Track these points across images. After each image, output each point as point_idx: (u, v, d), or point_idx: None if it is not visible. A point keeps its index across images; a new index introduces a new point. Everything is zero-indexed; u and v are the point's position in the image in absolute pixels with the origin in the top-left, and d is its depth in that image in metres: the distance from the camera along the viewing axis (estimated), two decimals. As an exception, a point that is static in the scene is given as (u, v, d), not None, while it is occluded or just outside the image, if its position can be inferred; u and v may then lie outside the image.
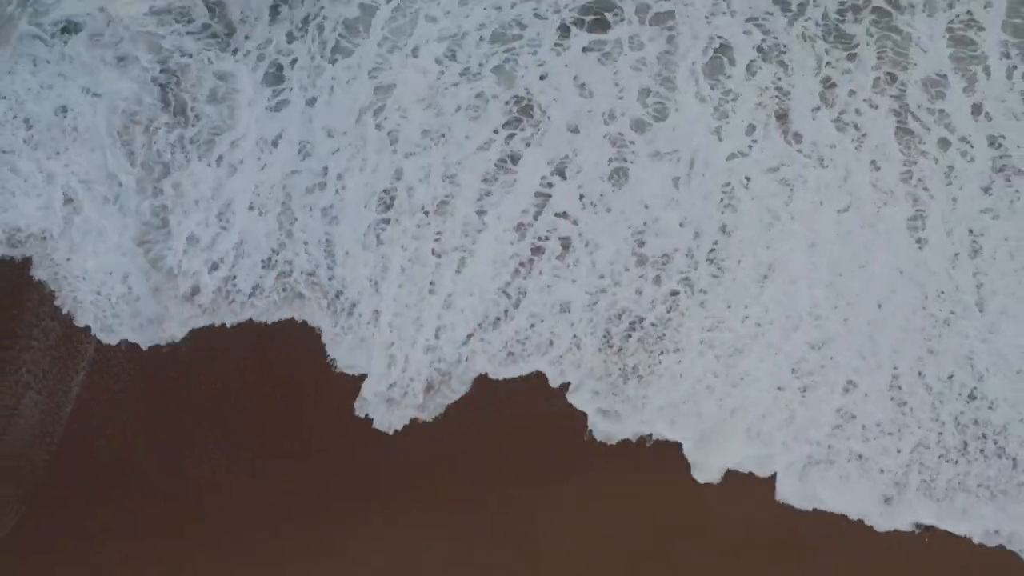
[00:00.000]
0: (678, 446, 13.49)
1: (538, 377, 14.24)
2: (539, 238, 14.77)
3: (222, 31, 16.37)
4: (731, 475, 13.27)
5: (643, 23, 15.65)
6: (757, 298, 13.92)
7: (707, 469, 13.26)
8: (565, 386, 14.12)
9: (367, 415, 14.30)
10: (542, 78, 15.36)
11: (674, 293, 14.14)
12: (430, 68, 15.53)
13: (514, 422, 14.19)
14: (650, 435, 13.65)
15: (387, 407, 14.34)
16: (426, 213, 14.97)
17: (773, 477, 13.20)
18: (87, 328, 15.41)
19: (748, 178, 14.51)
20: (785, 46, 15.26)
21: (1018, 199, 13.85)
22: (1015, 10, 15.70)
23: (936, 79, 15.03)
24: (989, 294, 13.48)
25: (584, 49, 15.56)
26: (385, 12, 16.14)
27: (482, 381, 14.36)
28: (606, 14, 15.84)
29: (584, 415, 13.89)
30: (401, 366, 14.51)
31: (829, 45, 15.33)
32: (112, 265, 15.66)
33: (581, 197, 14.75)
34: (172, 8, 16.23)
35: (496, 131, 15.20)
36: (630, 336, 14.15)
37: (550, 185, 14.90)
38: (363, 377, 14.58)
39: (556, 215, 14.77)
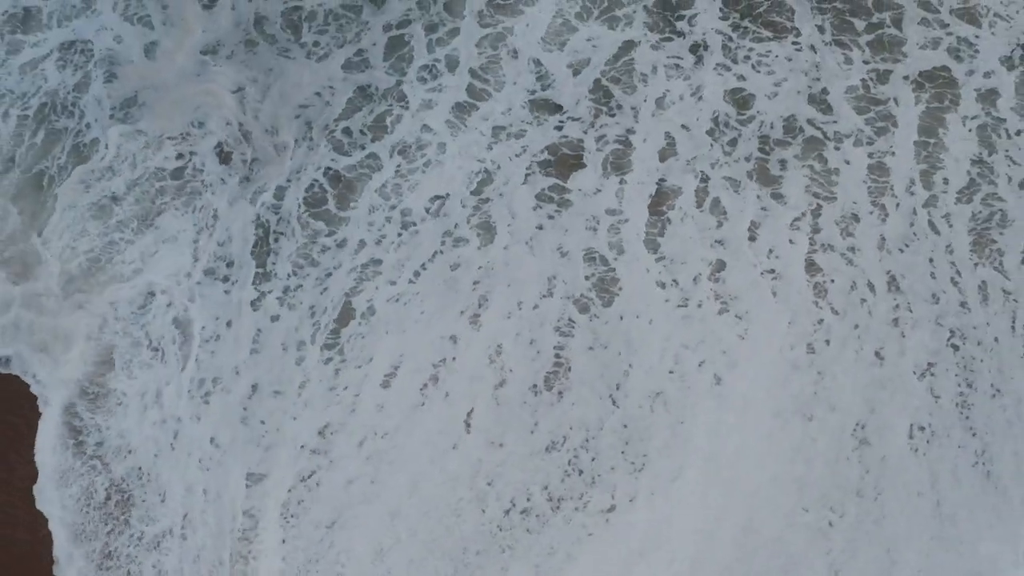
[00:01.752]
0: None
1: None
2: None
3: (244, 171, 16.87)
4: None
5: (601, 167, 16.67)
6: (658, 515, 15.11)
7: None
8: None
9: None
10: (508, 226, 16.27)
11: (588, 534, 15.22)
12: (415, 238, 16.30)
13: None
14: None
15: None
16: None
17: None
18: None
19: (673, 372, 15.59)
20: (726, 184, 16.44)
21: (905, 355, 15.78)
22: (927, 128, 17.12)
23: (851, 213, 16.45)
24: (871, 498, 15.21)
25: (542, 199, 16.50)
26: (388, 170, 16.77)
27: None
28: (564, 151, 16.80)
29: None
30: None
31: (759, 185, 16.55)
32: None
33: (503, 409, 15.48)
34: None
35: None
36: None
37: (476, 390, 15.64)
38: None
39: (489, 443, 15.45)
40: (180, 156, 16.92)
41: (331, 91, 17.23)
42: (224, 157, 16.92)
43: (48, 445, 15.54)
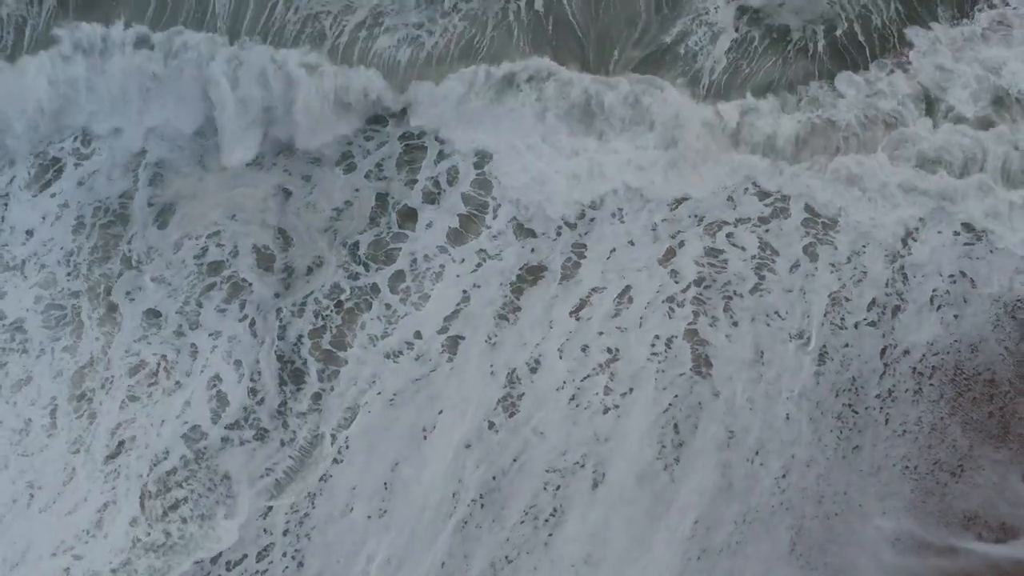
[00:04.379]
0: None
1: None
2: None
3: (279, 286, 18.48)
4: None
5: (558, 278, 18.59)
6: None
7: None
8: None
9: None
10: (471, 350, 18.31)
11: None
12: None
13: None
14: None
15: None
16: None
17: None
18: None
19: (547, 486, 17.55)
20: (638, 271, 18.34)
21: (750, 433, 17.69)
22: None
23: (734, 290, 18.51)
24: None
25: (495, 316, 18.33)
26: (385, 299, 18.55)
27: None
28: (531, 265, 18.73)
29: None
30: None
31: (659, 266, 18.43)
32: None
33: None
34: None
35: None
36: None
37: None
38: None
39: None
40: (221, 254, 18.72)
41: (356, 198, 18.87)
42: (265, 262, 18.63)
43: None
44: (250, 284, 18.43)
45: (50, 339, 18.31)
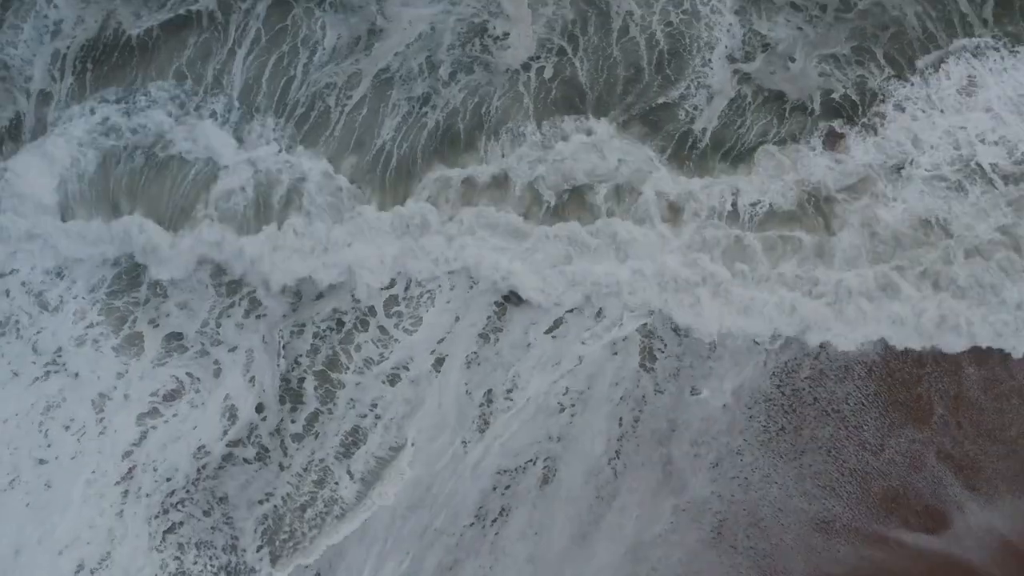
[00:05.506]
0: None
1: None
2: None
3: (287, 307, 19.02)
4: None
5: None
6: None
7: None
8: None
9: None
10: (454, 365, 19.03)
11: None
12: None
13: None
14: None
15: None
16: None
17: None
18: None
19: (496, 488, 18.30)
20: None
21: (691, 427, 18.45)
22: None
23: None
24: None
25: (480, 336, 19.04)
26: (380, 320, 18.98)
27: None
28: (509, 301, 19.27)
29: None
30: None
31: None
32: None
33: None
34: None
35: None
36: None
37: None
38: None
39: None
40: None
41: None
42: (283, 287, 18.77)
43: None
44: (263, 304, 18.93)
45: (84, 364, 18.95)
